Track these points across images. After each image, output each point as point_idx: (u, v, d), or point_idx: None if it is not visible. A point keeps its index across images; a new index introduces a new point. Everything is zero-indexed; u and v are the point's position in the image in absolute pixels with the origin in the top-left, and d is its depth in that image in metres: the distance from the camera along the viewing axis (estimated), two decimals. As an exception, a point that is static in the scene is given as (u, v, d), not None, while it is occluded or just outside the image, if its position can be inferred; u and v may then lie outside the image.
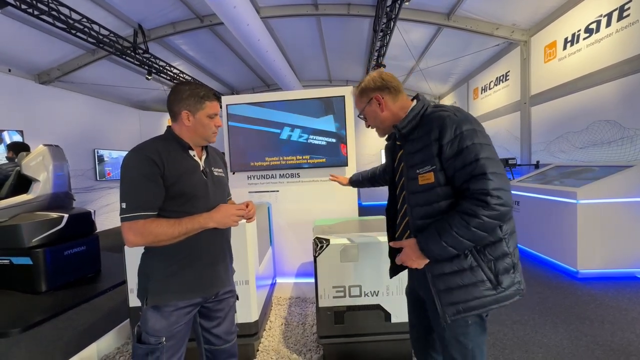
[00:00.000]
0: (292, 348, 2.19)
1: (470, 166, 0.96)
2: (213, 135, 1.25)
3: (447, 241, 0.98)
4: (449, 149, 0.99)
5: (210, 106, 1.20)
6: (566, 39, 4.50)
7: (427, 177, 1.04)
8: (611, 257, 3.23)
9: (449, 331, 1.09)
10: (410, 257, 1.08)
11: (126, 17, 5.46)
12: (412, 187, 1.10)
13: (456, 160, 0.98)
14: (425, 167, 1.05)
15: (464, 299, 1.02)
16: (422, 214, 1.07)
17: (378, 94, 1.17)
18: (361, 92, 1.22)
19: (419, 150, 1.07)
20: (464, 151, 0.97)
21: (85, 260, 3.67)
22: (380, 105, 1.18)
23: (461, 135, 0.98)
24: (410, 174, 1.10)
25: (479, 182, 0.94)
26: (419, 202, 1.08)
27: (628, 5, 3.53)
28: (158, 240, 1.09)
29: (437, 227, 1.01)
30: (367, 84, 1.20)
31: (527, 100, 5.49)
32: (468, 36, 5.88)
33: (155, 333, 1.13)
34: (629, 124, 3.56)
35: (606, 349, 2.06)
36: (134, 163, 1.10)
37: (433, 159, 1.02)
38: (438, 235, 0.99)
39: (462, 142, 0.98)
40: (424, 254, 1.04)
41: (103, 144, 7.57)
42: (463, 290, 1.02)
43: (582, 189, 3.26)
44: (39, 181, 3.45)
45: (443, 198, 1.03)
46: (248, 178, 3.21)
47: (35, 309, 2.90)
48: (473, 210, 0.94)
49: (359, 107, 1.26)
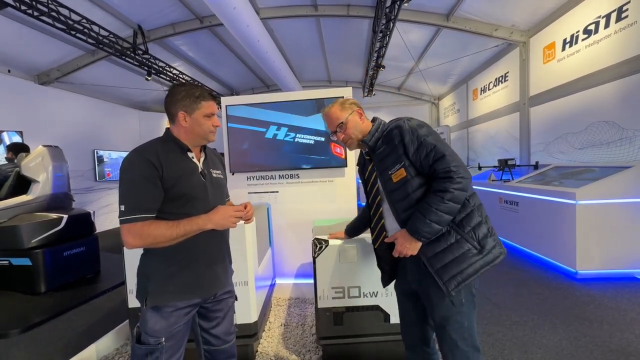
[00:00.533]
0: (292, 349, 2.19)
1: (432, 152, 1.18)
2: (211, 135, 1.24)
3: (431, 218, 1.15)
4: (411, 145, 1.22)
5: (206, 106, 1.20)
6: (565, 40, 4.51)
7: (400, 173, 1.24)
8: (610, 258, 3.24)
9: (445, 311, 1.21)
10: (404, 245, 1.23)
11: (126, 18, 5.47)
12: (389, 187, 1.28)
13: (419, 152, 1.20)
14: (395, 166, 1.25)
15: (459, 270, 1.17)
16: (404, 207, 1.25)
17: (358, 109, 1.41)
18: (343, 104, 1.40)
19: (387, 155, 1.28)
20: (423, 143, 1.20)
21: (84, 261, 3.67)
22: (361, 117, 1.40)
23: (417, 133, 1.22)
24: (384, 176, 1.30)
25: (441, 163, 1.16)
26: (399, 197, 1.25)
27: (626, 7, 3.55)
28: (156, 242, 1.09)
29: (419, 209, 1.19)
30: (347, 100, 1.42)
31: (526, 101, 5.50)
32: (467, 37, 5.89)
33: (154, 334, 1.13)
34: (627, 124, 3.57)
35: (605, 349, 2.06)
36: (132, 165, 1.10)
37: (401, 157, 1.24)
38: (422, 215, 1.16)
39: (419, 138, 1.21)
40: (414, 236, 1.19)
41: (102, 144, 7.57)
42: (456, 262, 1.18)
43: (581, 190, 3.27)
44: (39, 182, 3.45)
45: (417, 187, 1.23)
46: (247, 179, 3.21)
47: (34, 310, 2.90)
48: (443, 186, 1.14)
49: (340, 118, 1.38)
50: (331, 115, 1.40)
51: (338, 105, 1.40)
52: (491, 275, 3.48)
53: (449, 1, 5.19)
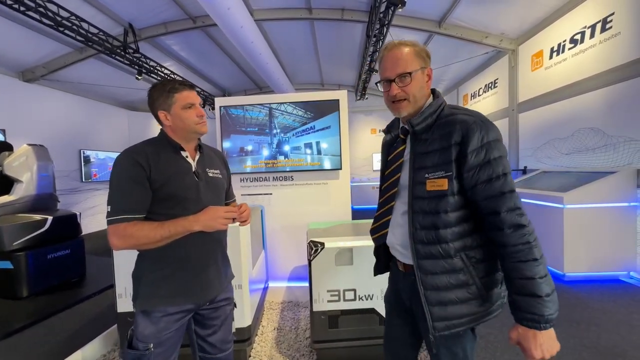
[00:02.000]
0: (285, 353, 2.16)
1: (499, 181, 0.89)
2: (200, 126, 1.18)
3: (546, 291, 0.85)
4: (474, 157, 0.90)
5: (180, 97, 1.14)
6: (552, 49, 4.65)
7: (440, 184, 0.94)
8: (596, 261, 3.33)
9: (441, 340, 1.03)
10: (544, 346, 0.87)
11: (116, 16, 5.36)
12: (417, 192, 0.99)
13: (481, 172, 0.90)
14: (437, 171, 0.95)
15: (457, 315, 0.97)
16: (426, 223, 0.97)
17: (430, 69, 1.04)
18: (420, 53, 1.02)
19: (432, 152, 0.97)
20: (491, 162, 0.89)
21: (69, 264, 3.55)
22: (428, 81, 1.04)
23: (489, 145, 0.90)
24: (417, 177, 0.99)
25: (509, 200, 0.88)
26: (424, 208, 0.97)
27: (610, 18, 3.68)
28: (140, 243, 1.05)
29: (521, 291, 0.87)
30: (425, 51, 1.04)
31: (515, 107, 5.63)
32: (458, 44, 6.00)
33: (143, 339, 1.09)
34: (611, 131, 3.69)
35: (592, 350, 2.11)
36: (119, 166, 1.08)
37: (449, 165, 0.93)
38: (536, 296, 0.85)
39: (489, 153, 0.90)
40: (545, 326, 0.86)
41: (89, 144, 7.38)
42: (457, 307, 0.97)
43: (568, 194, 3.35)
44: (22, 182, 3.33)
45: (454, 209, 0.94)
46: (241, 181, 3.17)
47: (15, 315, 2.79)
48: (524, 242, 0.87)
49: (410, 66, 0.99)
50: (399, 56, 1.00)
51: (417, 48, 1.01)
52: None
53: (441, 8, 5.28)
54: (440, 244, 0.96)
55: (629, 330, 2.33)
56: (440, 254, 0.96)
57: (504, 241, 0.88)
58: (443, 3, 5.12)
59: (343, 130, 3.04)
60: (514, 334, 0.92)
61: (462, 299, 0.96)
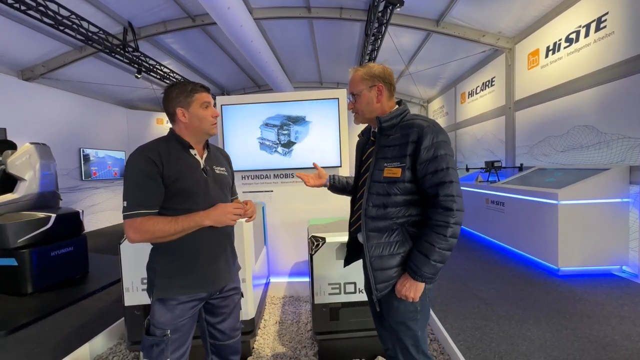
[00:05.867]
0: (287, 345, 2.23)
1: (442, 172, 1.10)
2: (212, 127, 1.27)
3: (435, 258, 1.09)
4: (425, 153, 1.11)
5: (199, 97, 1.23)
6: (548, 48, 4.71)
7: (394, 172, 1.16)
8: (589, 255, 3.41)
9: (400, 316, 1.20)
10: (410, 290, 1.14)
11: (116, 15, 5.37)
12: (376, 177, 1.21)
13: (429, 165, 1.11)
14: (394, 162, 1.16)
15: (392, 276, 1.18)
16: (377, 202, 1.19)
17: (382, 85, 1.23)
18: (367, 74, 1.23)
19: (392, 146, 1.18)
20: (438, 158, 1.10)
21: (72, 261, 3.60)
22: (379, 95, 1.24)
23: (437, 144, 1.12)
24: (378, 165, 1.21)
25: (446, 188, 1.09)
26: (379, 191, 1.19)
27: (605, 17, 3.74)
28: (155, 237, 1.12)
29: (420, 249, 1.12)
30: (376, 71, 1.23)
31: (511, 105, 5.70)
32: (456, 42, 6.06)
33: (160, 325, 1.16)
34: (605, 129, 3.76)
35: (585, 340, 2.19)
36: (134, 163, 1.14)
37: (404, 158, 1.14)
38: (425, 256, 1.10)
39: (437, 150, 1.11)
40: (417, 279, 1.13)
41: (89, 143, 7.39)
42: (393, 270, 1.18)
43: (563, 191, 3.43)
44: (25, 180, 3.37)
45: (402, 193, 1.16)
46: (242, 178, 3.22)
47: (21, 311, 2.84)
48: (444, 221, 1.08)
49: (356, 88, 1.25)
50: (351, 79, 1.28)
51: (362, 72, 1.24)
52: (478, 272, 3.61)
53: (439, 7, 5.33)
54: (386, 220, 1.18)
55: (619, 322, 2.41)
56: (385, 228, 1.19)
57: (433, 216, 1.11)
58: (441, 2, 5.17)
59: (343, 128, 3.09)
60: (400, 281, 1.17)
61: (398, 263, 1.18)
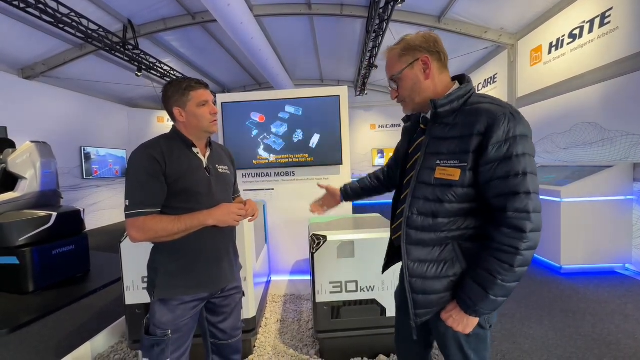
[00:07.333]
0: (289, 344, 2.22)
1: (516, 179, 0.81)
2: (212, 125, 1.23)
3: (497, 293, 0.84)
4: (495, 150, 0.83)
5: (195, 95, 1.19)
6: (551, 44, 4.67)
7: (450, 173, 0.89)
8: (592, 253, 3.39)
9: (450, 341, 1.00)
10: (459, 324, 0.93)
11: (116, 12, 5.35)
12: (423, 177, 0.94)
13: (499, 167, 0.83)
14: (451, 160, 0.89)
15: (437, 303, 0.96)
16: (425, 210, 0.93)
17: (427, 56, 0.93)
18: (405, 48, 0.96)
19: (450, 139, 0.90)
20: (512, 159, 0.82)
21: (74, 259, 3.60)
22: (426, 70, 0.94)
23: (514, 139, 0.82)
24: (428, 162, 0.94)
25: (521, 201, 0.81)
26: (427, 195, 0.93)
27: (609, 13, 3.70)
28: (158, 236, 1.11)
29: (477, 279, 0.87)
30: (415, 41, 0.95)
31: (514, 102, 5.66)
32: (458, 39, 6.01)
33: (161, 326, 1.15)
34: (609, 126, 3.73)
35: (588, 339, 2.17)
36: (136, 161, 1.12)
37: (466, 155, 0.86)
38: (484, 290, 0.85)
39: (513, 147, 0.82)
40: (471, 314, 0.90)
41: (90, 141, 7.39)
42: (439, 295, 0.96)
43: (566, 188, 3.40)
44: (26, 179, 3.36)
45: (460, 201, 0.89)
46: (243, 176, 3.21)
47: (23, 310, 2.84)
48: (513, 246, 0.82)
49: (395, 69, 0.98)
50: (388, 60, 1.01)
51: (399, 48, 0.97)
52: (480, 270, 3.60)
53: (441, 3, 5.28)
54: (434, 232, 0.93)
55: (623, 320, 2.39)
56: (432, 242, 0.94)
57: (496, 237, 0.85)
58: (442, -2, 5.13)
59: (344, 126, 3.07)
60: (450, 310, 0.94)
61: (445, 288, 0.94)
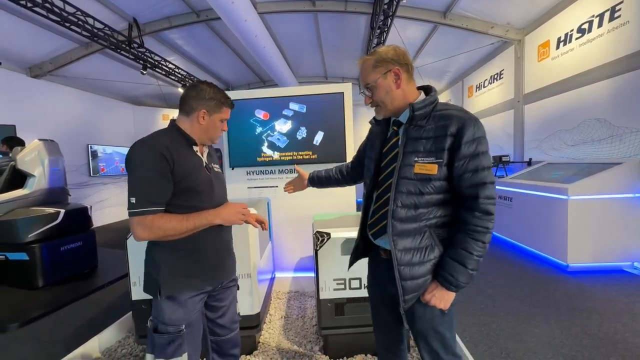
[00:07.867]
0: (293, 340, 2.24)
1: (484, 172, 0.99)
2: (218, 138, 1.33)
3: (474, 267, 1.00)
4: (466, 148, 0.99)
5: (225, 112, 1.27)
6: (559, 39, 4.59)
7: (428, 168, 1.02)
8: (600, 251, 3.35)
9: (426, 323, 1.11)
10: (440, 300, 1.05)
11: (121, 11, 5.39)
12: (404, 173, 1.06)
13: (470, 162, 0.99)
14: (429, 157, 1.03)
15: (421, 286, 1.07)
16: (408, 202, 1.05)
17: (398, 68, 1.07)
18: (379, 60, 1.08)
19: (426, 139, 1.04)
20: (479, 156, 0.99)
21: (81, 256, 3.66)
22: (397, 80, 1.08)
23: (479, 140, 1.00)
24: (407, 160, 1.06)
25: (488, 189, 1.00)
26: (409, 189, 1.04)
27: (619, 6, 3.62)
28: (166, 235, 1.11)
29: (455, 257, 1.01)
30: (386, 53, 1.08)
31: (520, 99, 5.58)
32: (463, 34, 5.94)
33: (173, 322, 1.16)
34: (618, 122, 3.66)
35: (594, 338, 2.15)
36: (144, 157, 1.09)
37: (441, 153, 1.01)
38: (463, 265, 1.00)
39: (479, 147, 0.99)
40: (451, 289, 1.04)
41: (96, 139, 7.48)
42: (422, 279, 1.06)
43: (573, 186, 3.36)
44: (35, 176, 3.42)
45: (437, 192, 1.03)
46: (247, 174, 3.22)
47: (32, 305, 2.90)
48: (484, 226, 0.99)
49: (369, 78, 1.10)
50: (361, 70, 1.13)
51: (372, 60, 1.09)
52: (486, 268, 3.57)
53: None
54: (415, 222, 1.06)
55: (631, 319, 2.36)
56: (414, 231, 1.06)
57: (470, 221, 1.00)
58: (448, -7, 5.07)
59: (347, 123, 3.06)
60: (431, 289, 1.06)
61: (428, 271, 1.07)
